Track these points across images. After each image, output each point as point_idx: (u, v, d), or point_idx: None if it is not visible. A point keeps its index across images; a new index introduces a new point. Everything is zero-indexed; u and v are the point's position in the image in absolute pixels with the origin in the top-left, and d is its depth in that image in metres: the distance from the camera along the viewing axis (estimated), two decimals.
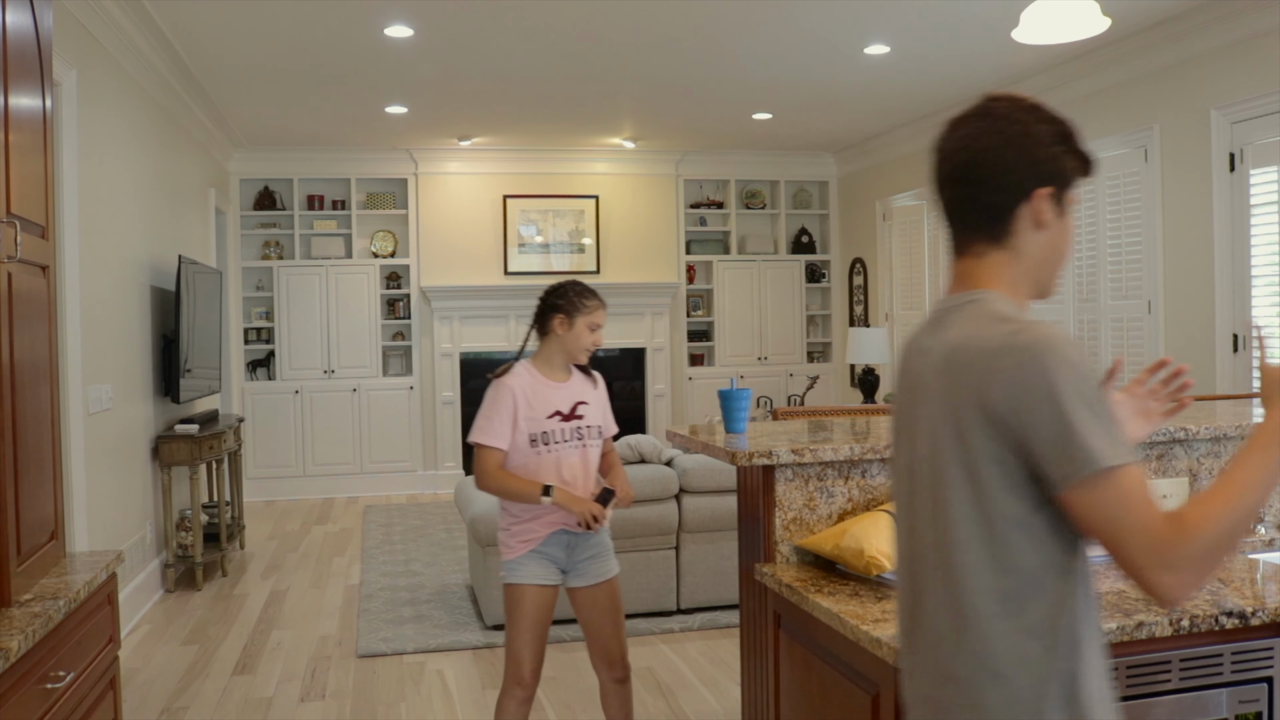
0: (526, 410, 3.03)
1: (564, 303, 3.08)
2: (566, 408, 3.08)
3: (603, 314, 3.12)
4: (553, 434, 3.04)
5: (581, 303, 3.08)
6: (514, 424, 3.02)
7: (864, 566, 2.09)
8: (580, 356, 3.11)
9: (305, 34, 5.68)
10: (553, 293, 3.12)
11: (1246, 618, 1.89)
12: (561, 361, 3.13)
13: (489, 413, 3.02)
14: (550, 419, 3.05)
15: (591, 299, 3.10)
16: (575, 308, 3.07)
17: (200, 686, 4.40)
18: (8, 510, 2.07)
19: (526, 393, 3.04)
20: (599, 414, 3.17)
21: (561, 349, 3.10)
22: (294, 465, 9.16)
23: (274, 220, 9.23)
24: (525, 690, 3.06)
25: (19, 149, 2.22)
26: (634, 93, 7.30)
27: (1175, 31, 5.69)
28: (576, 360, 3.13)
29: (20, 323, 2.18)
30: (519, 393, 3.03)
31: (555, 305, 3.09)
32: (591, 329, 3.09)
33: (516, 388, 3.03)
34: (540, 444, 3.03)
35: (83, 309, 4.66)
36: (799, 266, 10.14)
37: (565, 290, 3.10)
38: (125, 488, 5.34)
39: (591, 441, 3.12)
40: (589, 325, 3.08)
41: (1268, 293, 5.32)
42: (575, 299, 3.09)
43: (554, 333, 3.09)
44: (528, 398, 3.03)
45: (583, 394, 3.13)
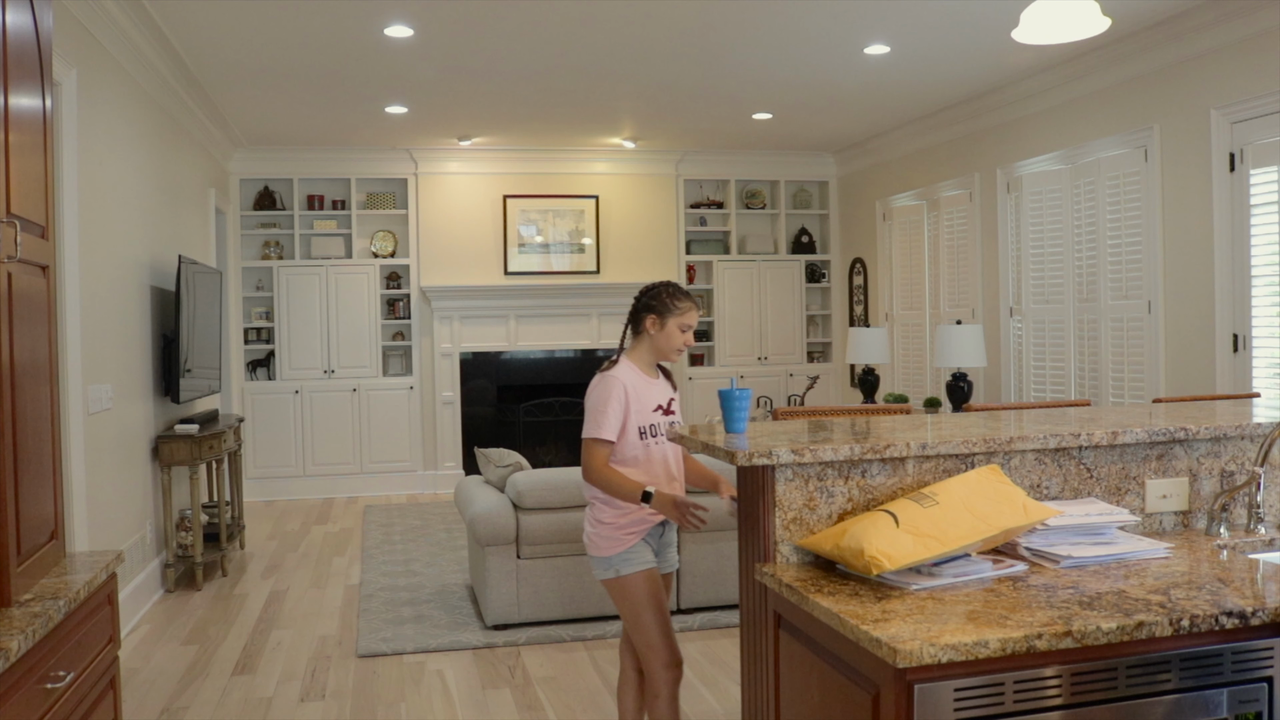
0: (636, 403, 3.10)
1: (657, 303, 3.16)
2: (665, 402, 3.18)
3: (695, 315, 3.18)
4: (656, 427, 3.14)
5: (674, 304, 3.15)
6: (625, 416, 3.08)
7: (864, 566, 2.08)
8: (672, 356, 3.19)
9: (305, 34, 5.68)
10: (646, 293, 3.19)
11: (1246, 618, 1.89)
12: (651, 360, 3.21)
13: (602, 407, 3.07)
14: (655, 412, 3.14)
15: (684, 300, 3.17)
16: (668, 309, 3.15)
17: (200, 686, 4.40)
18: (8, 510, 2.07)
19: (636, 386, 3.12)
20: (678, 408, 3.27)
21: (653, 348, 3.18)
22: (294, 465, 9.17)
23: (274, 220, 9.23)
24: (679, 669, 3.11)
25: (19, 149, 2.22)
26: (634, 93, 7.30)
27: (1175, 31, 5.68)
28: (668, 359, 3.21)
29: (20, 323, 2.18)
30: (629, 386, 3.10)
31: (649, 305, 3.16)
32: (683, 329, 3.16)
33: (626, 381, 3.10)
34: (649, 436, 3.12)
35: (83, 309, 4.66)
36: (799, 266, 10.14)
37: (659, 291, 3.18)
38: (125, 488, 5.34)
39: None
40: (680, 326, 3.15)
41: (1268, 293, 5.32)
42: (668, 300, 3.16)
43: (646, 332, 3.16)
44: (636, 391, 3.11)
45: (670, 392, 3.24)
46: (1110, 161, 6.35)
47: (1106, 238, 6.38)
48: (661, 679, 3.09)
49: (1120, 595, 2.00)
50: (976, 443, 2.41)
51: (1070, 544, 2.27)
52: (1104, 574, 2.15)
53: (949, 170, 8.18)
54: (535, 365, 9.68)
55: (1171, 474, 2.58)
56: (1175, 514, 2.58)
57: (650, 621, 3.08)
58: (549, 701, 4.15)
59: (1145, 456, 2.56)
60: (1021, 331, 7.32)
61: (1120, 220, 6.28)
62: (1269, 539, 2.48)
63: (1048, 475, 2.50)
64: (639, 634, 3.10)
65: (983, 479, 2.28)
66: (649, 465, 3.12)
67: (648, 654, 3.09)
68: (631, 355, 3.19)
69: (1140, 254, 6.11)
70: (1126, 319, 6.25)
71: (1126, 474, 2.55)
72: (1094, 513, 2.35)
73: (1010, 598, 2.00)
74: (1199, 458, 2.60)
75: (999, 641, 1.77)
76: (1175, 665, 1.87)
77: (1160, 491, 2.56)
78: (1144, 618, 1.85)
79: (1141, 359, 6.13)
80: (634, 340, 3.21)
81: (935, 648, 1.74)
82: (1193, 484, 2.59)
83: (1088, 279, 6.58)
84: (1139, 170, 6.11)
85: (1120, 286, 6.29)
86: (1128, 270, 6.22)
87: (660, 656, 3.09)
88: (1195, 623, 1.86)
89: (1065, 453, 2.51)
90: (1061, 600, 1.97)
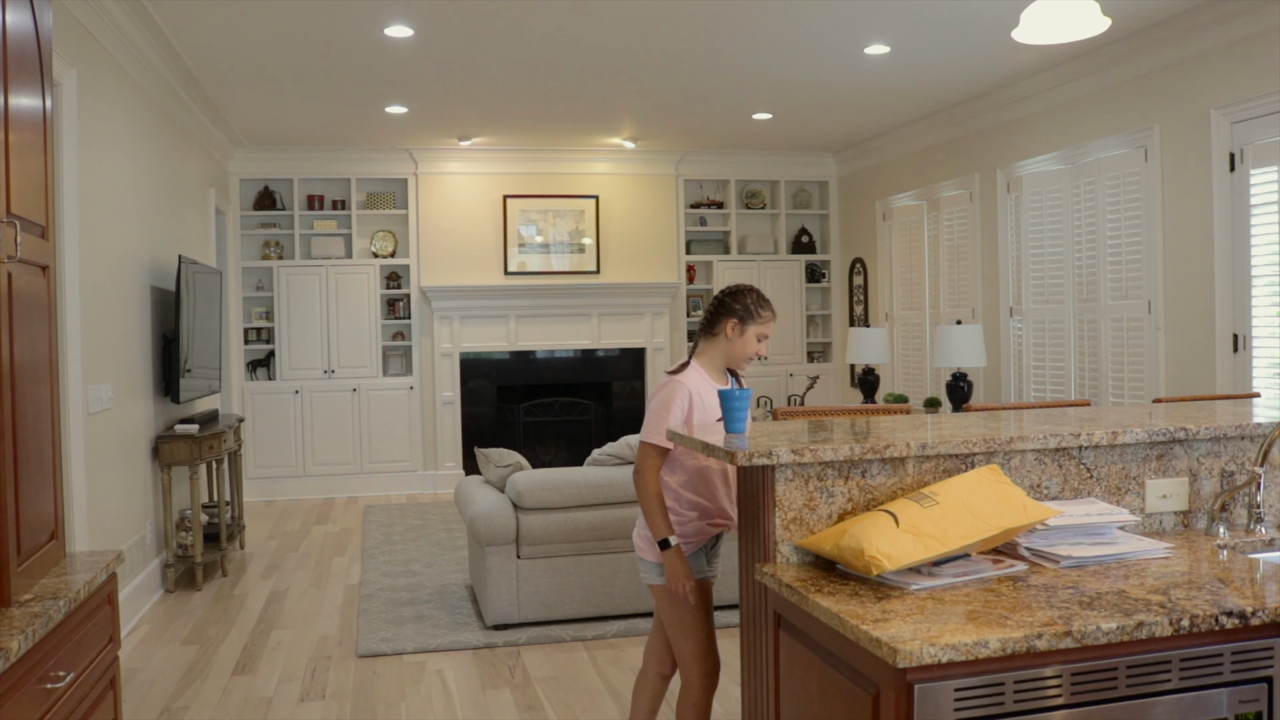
0: (700, 411, 2.96)
1: (740, 308, 3.04)
2: None
3: (772, 325, 3.10)
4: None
5: (759, 311, 3.05)
6: (688, 423, 2.93)
7: (864, 566, 2.08)
8: (743, 364, 3.09)
9: (305, 34, 5.68)
10: (730, 295, 3.07)
11: (1246, 618, 1.89)
12: (722, 364, 3.09)
13: (662, 411, 2.92)
14: (719, 421, 2.92)
15: (768, 309, 3.07)
16: (751, 315, 3.04)
17: (200, 686, 4.40)
18: (8, 510, 2.07)
19: (701, 392, 2.97)
20: None
21: (726, 353, 3.05)
22: (294, 465, 9.17)
23: (274, 220, 9.23)
24: (718, 677, 3.06)
25: (19, 149, 2.22)
26: (634, 93, 7.30)
27: (1175, 31, 5.68)
28: (738, 367, 3.10)
29: (20, 323, 2.18)
30: (694, 392, 2.96)
31: (731, 309, 3.04)
32: (760, 339, 3.07)
33: (692, 386, 2.97)
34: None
35: (83, 309, 4.66)
36: (799, 266, 10.14)
37: (743, 295, 3.06)
38: (125, 488, 5.34)
39: None
40: (759, 334, 3.06)
41: (1268, 293, 5.32)
42: (753, 307, 3.05)
43: (723, 335, 3.04)
44: (701, 398, 2.97)
45: None
46: (1110, 161, 6.35)
47: (1106, 238, 6.38)
48: (701, 687, 3.03)
49: (1120, 595, 2.00)
50: (976, 443, 2.41)
51: (1070, 544, 2.27)
52: (1104, 574, 2.15)
53: (949, 170, 8.18)
54: (535, 365, 9.68)
55: (1171, 474, 2.58)
56: (1175, 514, 2.58)
57: (696, 630, 3.01)
58: (549, 701, 4.15)
59: (1145, 456, 2.56)
60: (1021, 331, 7.32)
61: (1120, 220, 6.28)
62: (1269, 539, 2.48)
63: (1048, 475, 2.50)
64: (683, 641, 3.01)
65: (983, 479, 2.28)
66: (708, 476, 2.98)
67: (690, 662, 3.02)
68: (702, 358, 3.06)
69: (1140, 254, 6.11)
70: (1126, 319, 6.25)
71: (1126, 474, 2.55)
72: (1094, 513, 2.35)
73: (1010, 598, 2.00)
74: (1199, 458, 2.60)
75: (999, 641, 1.77)
76: (1175, 665, 1.87)
77: (1160, 491, 2.56)
78: (1144, 618, 1.85)
79: (1141, 359, 6.13)
80: (707, 342, 3.07)
81: (935, 648, 1.74)
82: (1193, 484, 2.59)
83: (1088, 279, 6.58)
84: (1139, 170, 6.11)
85: (1120, 286, 6.29)
86: (1128, 270, 6.22)
87: (703, 665, 3.02)
88: (1195, 623, 1.86)
89: (1065, 453, 2.51)
90: (1061, 600, 1.97)
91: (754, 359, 3.08)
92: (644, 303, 9.70)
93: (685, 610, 2.98)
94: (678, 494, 2.99)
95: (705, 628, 3.03)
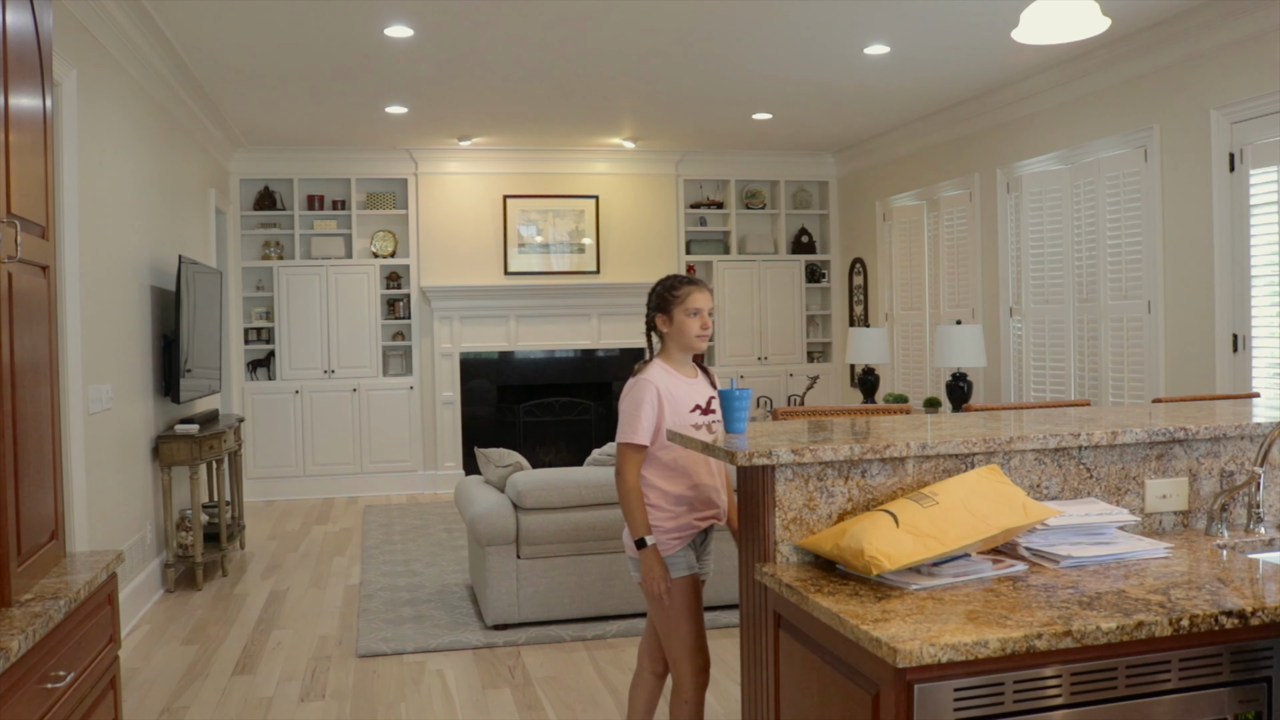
0: (670, 405, 3.00)
1: (657, 301, 3.09)
2: (704, 402, 3.06)
3: (700, 295, 3.06)
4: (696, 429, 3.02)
5: (672, 294, 3.06)
6: (660, 419, 2.97)
7: (864, 566, 2.08)
8: (697, 344, 3.07)
9: (305, 34, 5.68)
10: (649, 295, 3.14)
11: (1246, 618, 1.89)
12: (684, 357, 3.11)
13: (634, 411, 2.97)
14: (693, 413, 3.03)
15: (681, 285, 3.07)
16: (667, 301, 3.07)
17: (200, 686, 4.40)
18: (8, 510, 2.07)
19: (669, 387, 3.02)
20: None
21: (677, 343, 3.08)
22: (294, 465, 9.17)
23: (274, 220, 9.23)
24: (708, 674, 3.07)
25: (19, 149, 2.22)
26: (634, 93, 7.30)
27: (1175, 31, 5.68)
28: (695, 349, 3.09)
29: (20, 323, 2.18)
30: (661, 388, 3.00)
31: (654, 306, 3.11)
32: (691, 314, 3.04)
33: (659, 383, 3.01)
34: None
35: (83, 309, 4.66)
36: (799, 266, 10.14)
37: (655, 290, 3.11)
38: (125, 488, 5.34)
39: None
40: (687, 311, 3.04)
41: (1268, 293, 5.32)
42: (665, 293, 3.08)
43: (663, 330, 3.09)
44: (670, 392, 3.01)
45: (709, 390, 3.13)
46: (1110, 161, 6.35)
47: (1106, 238, 6.38)
48: (691, 685, 3.04)
49: (1120, 595, 2.00)
50: (976, 443, 2.41)
51: (1070, 544, 2.27)
52: (1104, 574, 2.15)
53: (949, 170, 8.18)
54: (535, 365, 9.68)
55: (1171, 474, 2.58)
56: (1175, 514, 2.59)
57: (687, 629, 3.02)
58: (549, 701, 4.15)
59: (1145, 456, 2.56)
60: (1021, 331, 7.32)
61: (1120, 220, 6.28)
62: (1269, 539, 2.48)
63: (1047, 475, 2.50)
64: (674, 640, 3.02)
65: (982, 479, 2.28)
66: (690, 466, 3.01)
67: (681, 660, 3.03)
68: (662, 355, 3.11)
69: (1140, 254, 6.11)
70: (1126, 319, 6.25)
71: (1126, 474, 2.55)
72: (1094, 513, 2.35)
73: (1010, 598, 2.00)
74: (1199, 458, 2.60)
75: (999, 641, 1.77)
76: (1175, 665, 1.87)
77: (1160, 491, 2.56)
78: (1144, 618, 1.85)
79: (1141, 359, 6.13)
80: (662, 346, 3.13)
81: (935, 648, 1.74)
82: (1192, 484, 2.59)
83: (1088, 279, 6.58)
84: (1139, 170, 6.11)
85: (1120, 286, 6.29)
86: (1128, 270, 6.22)
87: (692, 663, 3.03)
88: (1195, 623, 1.86)
89: (1065, 453, 2.51)
90: (1061, 600, 1.97)
91: (702, 335, 3.06)
92: (644, 303, 9.67)
93: (672, 608, 2.99)
94: (661, 490, 3.01)
95: (693, 626, 3.03)
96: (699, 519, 3.04)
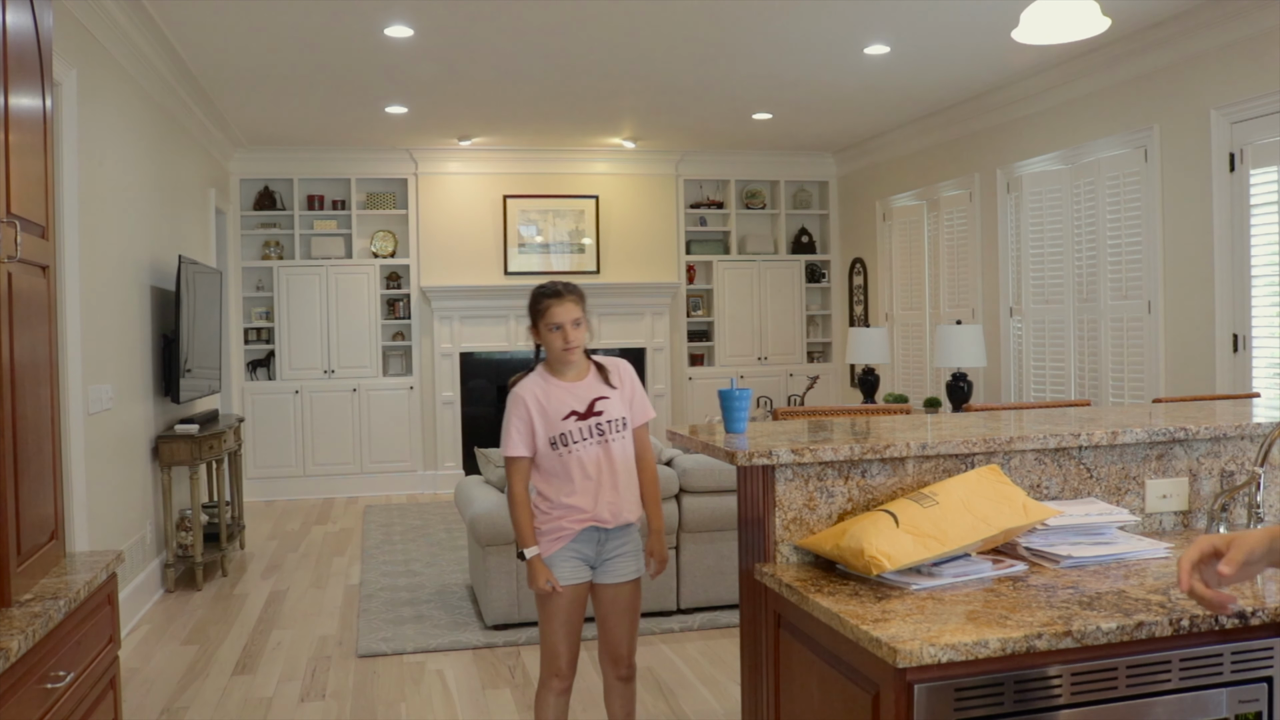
0: (541, 415, 3.04)
1: (529, 314, 3.08)
2: (583, 406, 3.05)
3: (560, 309, 3.01)
4: (570, 434, 3.03)
5: (534, 309, 3.06)
6: (531, 430, 3.04)
7: (864, 566, 2.08)
8: (563, 358, 3.05)
9: (305, 34, 5.68)
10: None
11: (1246, 618, 1.89)
12: (566, 367, 3.09)
13: (507, 425, 3.06)
14: (566, 420, 3.03)
15: (542, 300, 3.04)
16: (533, 314, 3.06)
17: (200, 686, 4.40)
18: (8, 510, 2.07)
19: (539, 397, 3.05)
20: (620, 406, 3.09)
21: (549, 353, 3.08)
22: (294, 465, 9.17)
23: (274, 220, 9.24)
24: (563, 682, 3.12)
25: (19, 149, 2.22)
26: (634, 93, 7.30)
27: (1175, 31, 5.68)
28: (561, 361, 3.06)
29: (20, 323, 2.18)
30: (530, 399, 3.05)
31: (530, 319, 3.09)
32: (552, 329, 3.01)
33: (527, 394, 3.06)
34: (560, 446, 3.03)
35: (83, 309, 4.66)
36: (799, 266, 10.14)
37: (529, 301, 3.09)
38: (125, 488, 5.34)
39: (615, 435, 3.07)
40: (548, 326, 3.02)
41: (1268, 293, 5.32)
42: (532, 306, 3.07)
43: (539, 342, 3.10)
44: (540, 402, 3.04)
45: (600, 390, 3.08)
46: (1110, 161, 6.35)
47: (1106, 238, 6.38)
48: (543, 683, 3.13)
49: (1120, 595, 2.00)
50: (976, 443, 2.41)
51: (1070, 544, 2.27)
52: (1104, 574, 2.15)
53: (949, 170, 8.18)
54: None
55: (1171, 474, 2.58)
56: (1175, 514, 2.59)
57: (550, 630, 3.09)
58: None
59: (1145, 456, 2.56)
60: (1021, 331, 7.32)
61: (1120, 220, 6.28)
62: None
63: (1048, 475, 2.50)
64: (542, 640, 3.12)
65: (982, 479, 2.28)
66: (567, 476, 3.03)
67: (542, 655, 3.13)
68: (545, 364, 3.12)
69: (1140, 254, 6.11)
70: (1126, 319, 6.25)
71: (1126, 474, 2.55)
72: (1094, 513, 2.35)
73: (1010, 598, 2.00)
74: (1199, 458, 2.60)
75: (999, 641, 1.77)
76: (1175, 665, 1.87)
77: (1160, 491, 2.56)
78: (1144, 618, 1.85)
79: (1141, 359, 6.13)
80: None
81: (935, 648, 1.74)
82: (1193, 484, 2.59)
83: (1088, 279, 6.58)
84: (1139, 170, 6.11)
85: (1120, 286, 6.29)
86: (1128, 270, 6.22)
87: (549, 664, 3.11)
88: (1195, 623, 1.86)
89: (1065, 453, 2.51)
90: (1061, 600, 1.97)
91: (567, 349, 3.01)
92: (644, 303, 9.70)
93: (546, 611, 3.08)
94: (540, 494, 3.09)
95: (562, 630, 3.08)
96: (571, 521, 3.05)
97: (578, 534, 3.05)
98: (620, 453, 3.08)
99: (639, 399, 3.16)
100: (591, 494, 3.04)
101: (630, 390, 3.14)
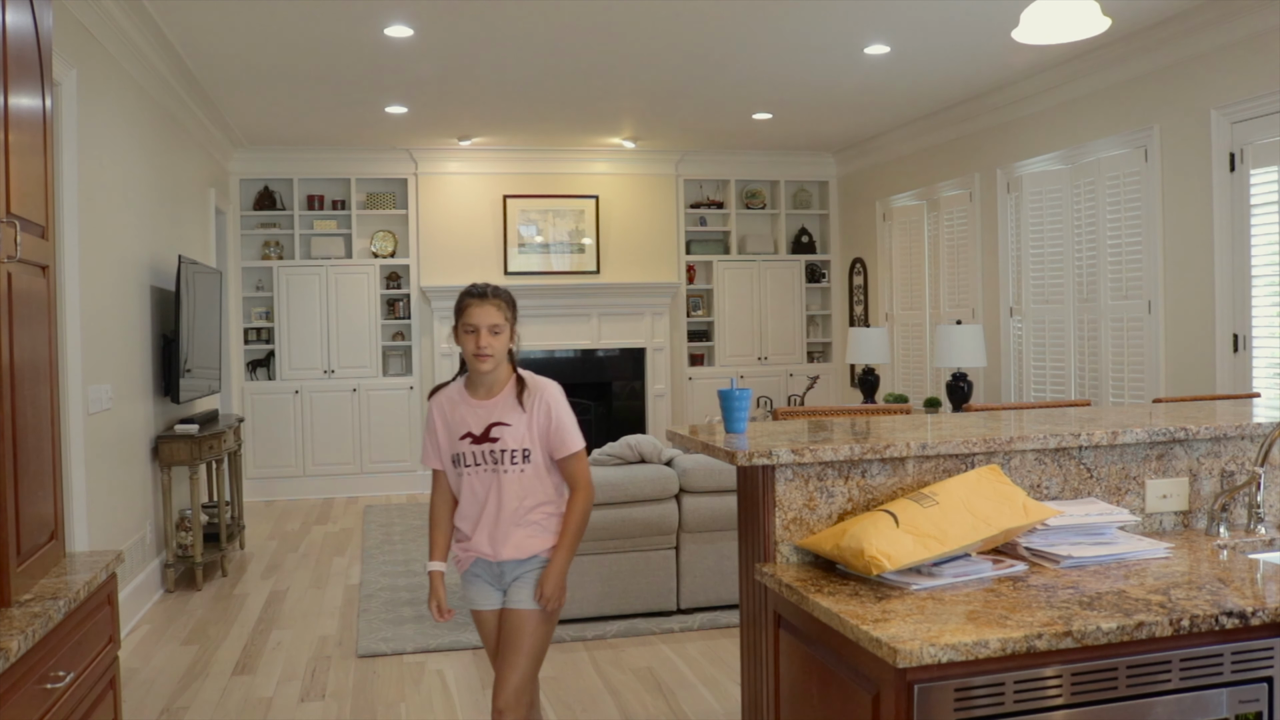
0: (445, 429, 2.86)
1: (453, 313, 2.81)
2: (479, 429, 2.80)
3: (482, 310, 2.74)
4: (463, 456, 2.82)
5: (456, 307, 2.80)
6: (438, 443, 2.88)
7: (864, 566, 2.08)
8: (477, 366, 2.77)
9: (305, 34, 5.68)
10: None
11: (1246, 618, 1.89)
12: (479, 378, 2.83)
13: (424, 436, 2.96)
14: (462, 440, 2.82)
15: (465, 298, 2.78)
16: (456, 315, 2.79)
17: (200, 686, 4.40)
18: (8, 510, 2.07)
19: (445, 412, 2.86)
20: (524, 436, 2.79)
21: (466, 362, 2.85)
22: (294, 465, 9.16)
23: (274, 220, 9.23)
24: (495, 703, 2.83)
25: (19, 149, 2.22)
26: (634, 93, 7.30)
27: (1175, 31, 5.68)
28: (476, 371, 2.79)
29: (20, 323, 2.18)
30: (437, 412, 2.88)
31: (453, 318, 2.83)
32: (467, 330, 2.75)
33: (436, 407, 2.89)
34: (459, 465, 2.84)
35: (83, 309, 4.66)
36: (799, 266, 10.14)
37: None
38: (125, 488, 5.34)
39: (511, 467, 2.80)
40: (465, 328, 2.76)
41: (1268, 293, 5.32)
42: (456, 306, 2.81)
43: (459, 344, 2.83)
44: (445, 417, 2.86)
45: (503, 415, 2.80)
46: (1110, 161, 6.35)
47: (1106, 238, 6.38)
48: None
49: (1120, 595, 2.00)
50: (976, 443, 2.41)
51: (1070, 544, 2.27)
52: (1104, 574, 2.15)
53: (949, 170, 8.18)
54: (535, 365, 9.63)
55: (1171, 474, 2.58)
56: (1175, 514, 2.58)
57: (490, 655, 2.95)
58: (549, 701, 4.15)
59: (1145, 456, 2.56)
60: (1021, 331, 7.32)
61: (1120, 220, 6.28)
62: (1269, 539, 2.48)
63: (1048, 475, 2.50)
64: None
65: (983, 479, 2.28)
66: (463, 497, 2.86)
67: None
68: (467, 375, 2.90)
69: (1140, 254, 6.11)
70: (1126, 319, 6.25)
71: (1126, 474, 2.55)
72: (1094, 513, 2.35)
73: (1010, 598, 2.00)
74: (1199, 458, 2.60)
75: (999, 641, 1.77)
76: (1175, 665, 1.87)
77: (1160, 491, 2.56)
78: (1144, 618, 1.85)
79: (1141, 359, 6.13)
80: None
81: (935, 648, 1.74)
82: (1193, 484, 2.59)
83: (1088, 279, 6.58)
84: (1139, 170, 6.11)
85: (1120, 286, 6.29)
86: (1128, 270, 6.22)
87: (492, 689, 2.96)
88: (1195, 623, 1.86)
89: (1065, 453, 2.51)
90: (1061, 600, 1.97)
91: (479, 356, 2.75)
92: (644, 303, 9.70)
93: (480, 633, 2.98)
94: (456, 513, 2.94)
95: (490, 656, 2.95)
96: (465, 550, 2.92)
97: (475, 560, 2.91)
98: (514, 486, 2.80)
99: (559, 429, 2.83)
100: (473, 521, 2.85)
101: (546, 420, 2.82)
